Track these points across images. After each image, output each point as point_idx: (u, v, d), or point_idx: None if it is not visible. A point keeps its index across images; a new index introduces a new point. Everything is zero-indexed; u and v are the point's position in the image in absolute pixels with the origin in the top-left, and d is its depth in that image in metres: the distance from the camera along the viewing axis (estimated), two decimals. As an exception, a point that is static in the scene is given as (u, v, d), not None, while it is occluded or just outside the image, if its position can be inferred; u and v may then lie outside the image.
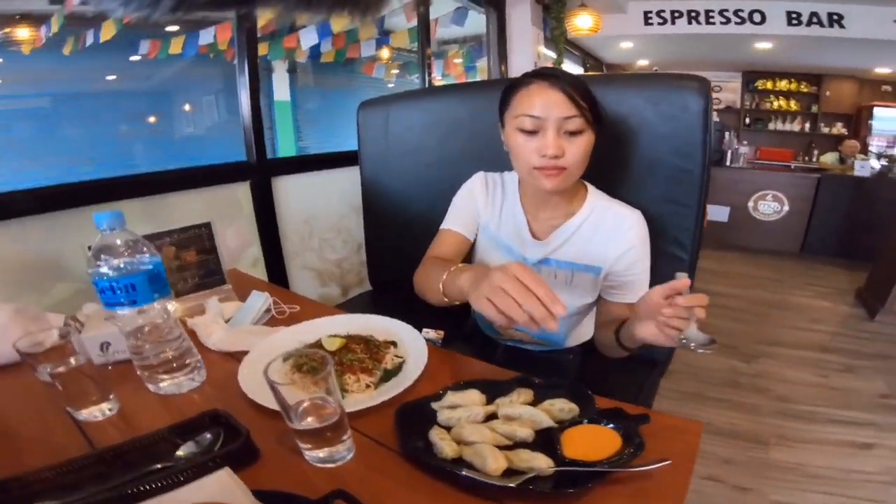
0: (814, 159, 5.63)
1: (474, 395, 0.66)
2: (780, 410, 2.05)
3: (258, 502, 0.44)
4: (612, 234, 0.93)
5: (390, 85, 3.47)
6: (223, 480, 0.46)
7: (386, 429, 0.62)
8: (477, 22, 3.44)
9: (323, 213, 2.07)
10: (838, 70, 6.01)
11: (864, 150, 5.50)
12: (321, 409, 0.54)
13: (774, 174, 4.38)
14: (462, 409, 0.62)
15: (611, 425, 0.60)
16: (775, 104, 6.70)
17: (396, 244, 1.51)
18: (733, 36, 4.37)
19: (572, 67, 5.02)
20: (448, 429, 0.60)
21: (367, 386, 0.71)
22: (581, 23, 3.71)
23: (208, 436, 0.56)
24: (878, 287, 3.04)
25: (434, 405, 0.65)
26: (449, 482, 0.53)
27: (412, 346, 0.83)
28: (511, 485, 0.50)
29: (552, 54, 3.78)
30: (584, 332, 1.09)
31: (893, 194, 3.71)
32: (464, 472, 0.52)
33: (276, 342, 0.83)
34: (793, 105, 6.64)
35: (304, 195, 1.97)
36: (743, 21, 4.25)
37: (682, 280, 0.64)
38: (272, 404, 0.61)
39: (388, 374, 0.75)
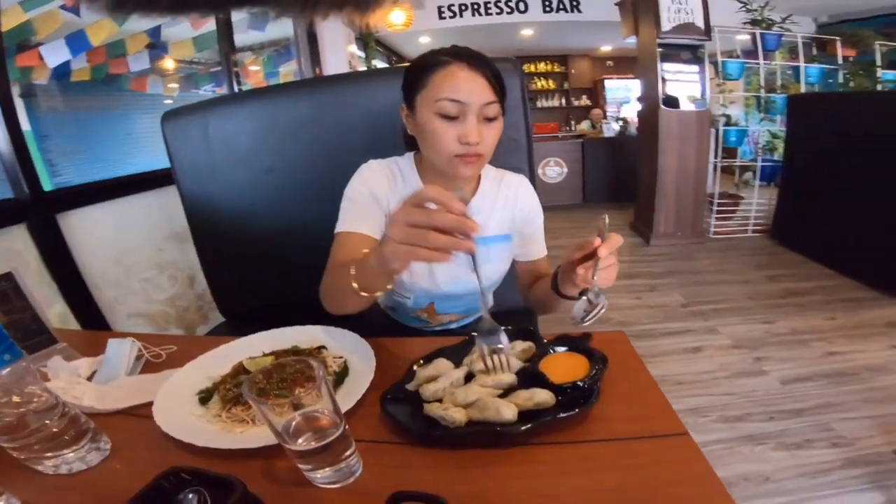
0: (573, 128, 6.93)
1: (444, 363, 0.65)
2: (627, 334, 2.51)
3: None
4: (510, 200, 0.97)
5: (167, 101, 3.06)
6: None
7: (371, 427, 0.57)
8: (278, 26, 3.24)
9: (135, 247, 1.72)
10: (578, 50, 7.54)
11: (605, 116, 6.98)
12: (315, 423, 0.46)
13: (550, 144, 5.30)
14: (442, 378, 0.61)
15: (567, 349, 0.66)
16: (539, 84, 8.01)
17: (246, 262, 1.34)
18: (505, 25, 5.02)
19: (381, 65, 5.12)
20: (439, 401, 0.57)
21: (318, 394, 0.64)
22: (395, 18, 3.80)
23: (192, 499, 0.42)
24: (643, 218, 3.98)
25: (410, 386, 0.62)
26: (468, 447, 0.52)
27: (344, 343, 0.76)
28: (528, 426, 0.52)
29: (361, 54, 3.79)
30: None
31: (633, 147, 4.74)
32: (497, 429, 0.52)
33: (180, 383, 0.69)
34: (550, 84, 8.04)
35: (106, 230, 1.61)
36: (512, 11, 4.96)
37: (594, 240, 0.66)
38: (226, 444, 0.55)
39: (340, 377, 0.68)
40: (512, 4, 4.90)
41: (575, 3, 4.94)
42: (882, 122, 2.84)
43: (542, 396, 0.55)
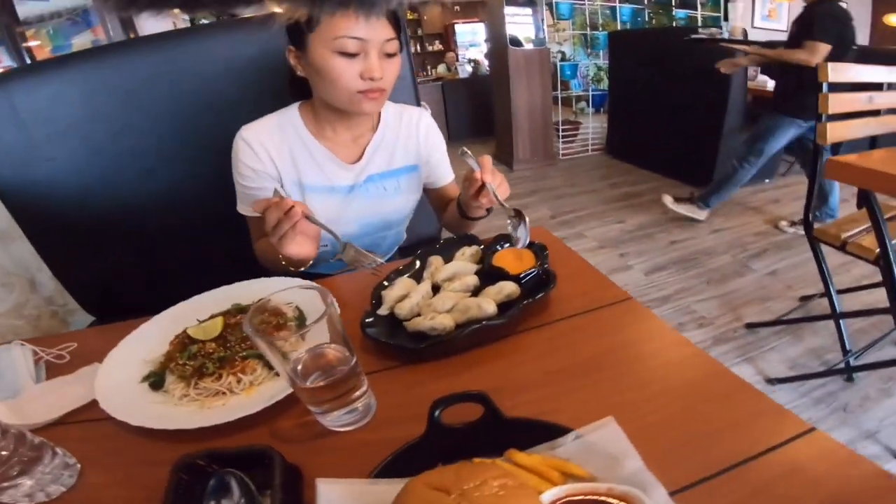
0: (430, 73, 7.03)
1: (408, 282, 0.67)
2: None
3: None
4: (412, 131, 1.00)
5: None
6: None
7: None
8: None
9: None
10: (428, -4, 7.45)
11: (457, 59, 7.21)
12: (322, 360, 0.45)
13: (413, 88, 5.42)
14: (413, 294, 0.63)
15: (508, 245, 0.74)
16: (392, 31, 7.81)
17: (104, 247, 1.16)
18: None
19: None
20: (417, 316, 0.60)
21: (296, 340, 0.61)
22: None
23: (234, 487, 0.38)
24: (503, 147, 4.40)
25: (382, 311, 0.63)
26: (461, 351, 0.56)
27: (287, 291, 0.73)
28: (511, 312, 0.57)
29: (185, 16, 3.23)
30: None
31: (485, 85, 5.09)
32: (485, 323, 0.56)
33: (112, 376, 0.59)
34: (406, 31, 7.89)
35: None
36: None
37: (476, 172, 0.77)
38: (220, 418, 0.49)
39: (301, 320, 0.65)
40: None
41: None
42: (676, 52, 3.51)
43: (510, 288, 0.61)
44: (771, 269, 2.34)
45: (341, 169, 0.93)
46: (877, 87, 1.61)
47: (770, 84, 3.83)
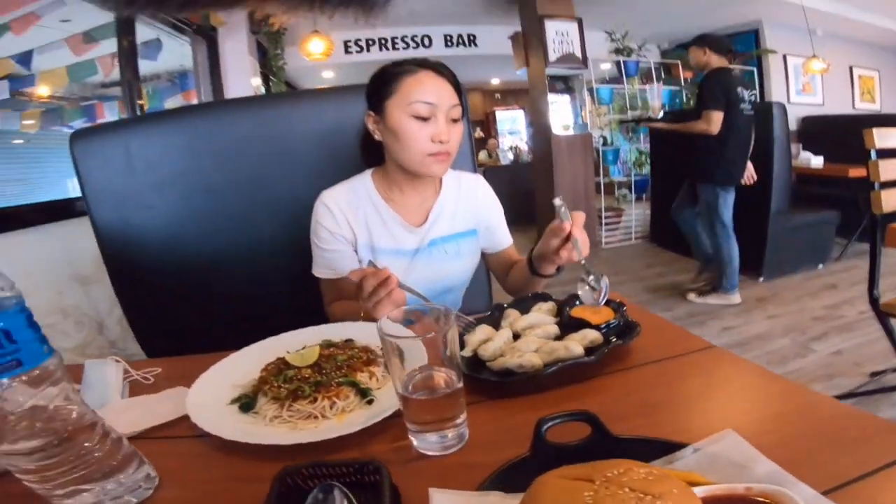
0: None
1: (488, 328, 0.69)
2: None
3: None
4: (471, 197, 1.06)
5: (16, 141, 2.67)
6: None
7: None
8: (170, 55, 3.04)
9: (32, 292, 1.47)
10: (472, 84, 8.11)
11: (498, 145, 7.61)
12: (431, 382, 0.47)
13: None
14: (496, 337, 0.65)
15: (579, 303, 0.75)
16: (437, 118, 8.42)
17: (176, 295, 1.21)
18: (409, 59, 5.22)
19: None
20: (502, 356, 0.61)
21: (384, 376, 0.64)
22: (313, 48, 3.72)
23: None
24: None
25: (466, 353, 0.64)
26: (547, 389, 0.57)
27: (367, 333, 0.76)
28: (597, 353, 0.58)
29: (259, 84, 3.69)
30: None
31: (526, 172, 5.25)
32: (573, 361, 0.57)
33: (201, 396, 0.62)
34: (449, 116, 8.49)
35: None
36: (417, 45, 5.25)
37: (564, 224, 0.77)
38: (317, 437, 0.51)
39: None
40: (417, 39, 5.21)
41: (472, 38, 5.43)
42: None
43: (593, 335, 0.62)
44: (835, 348, 2.21)
45: (408, 232, 0.99)
46: None
47: (813, 161, 3.88)
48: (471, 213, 1.05)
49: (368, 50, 5.07)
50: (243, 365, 0.70)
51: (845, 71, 5.83)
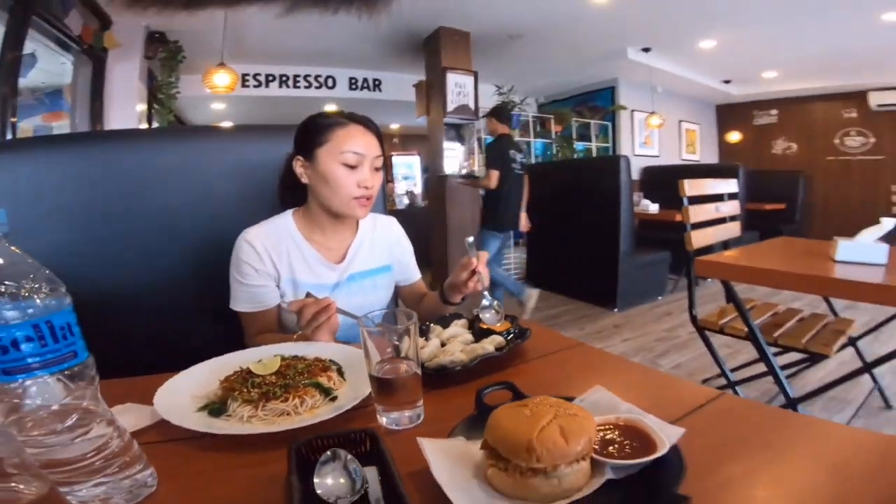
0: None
1: (419, 339, 0.84)
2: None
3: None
4: (385, 236, 1.18)
5: None
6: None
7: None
8: (41, 72, 2.76)
9: None
10: (373, 128, 8.30)
11: (394, 189, 7.89)
12: (397, 369, 0.61)
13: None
14: (429, 343, 0.82)
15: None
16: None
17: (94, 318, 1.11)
18: (310, 98, 5.30)
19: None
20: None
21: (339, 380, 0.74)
22: (219, 80, 3.62)
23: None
24: (439, 276, 4.56)
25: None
26: (472, 379, 0.74)
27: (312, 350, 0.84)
28: (506, 348, 0.80)
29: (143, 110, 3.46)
30: None
31: (421, 217, 5.48)
32: (495, 353, 0.78)
33: (167, 403, 0.66)
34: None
35: None
36: (320, 86, 5.31)
37: (470, 260, 0.96)
38: (299, 423, 0.60)
39: (339, 367, 0.77)
40: (321, 80, 5.29)
41: (377, 83, 5.67)
42: (577, 182, 4.16)
43: (499, 339, 0.82)
44: (675, 363, 2.77)
45: (328, 269, 1.08)
46: (719, 198, 2.16)
47: (651, 208, 4.72)
48: (386, 251, 1.17)
49: (267, 85, 5.05)
50: (195, 381, 0.74)
51: (675, 125, 7.16)
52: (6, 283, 0.42)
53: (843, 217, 6.47)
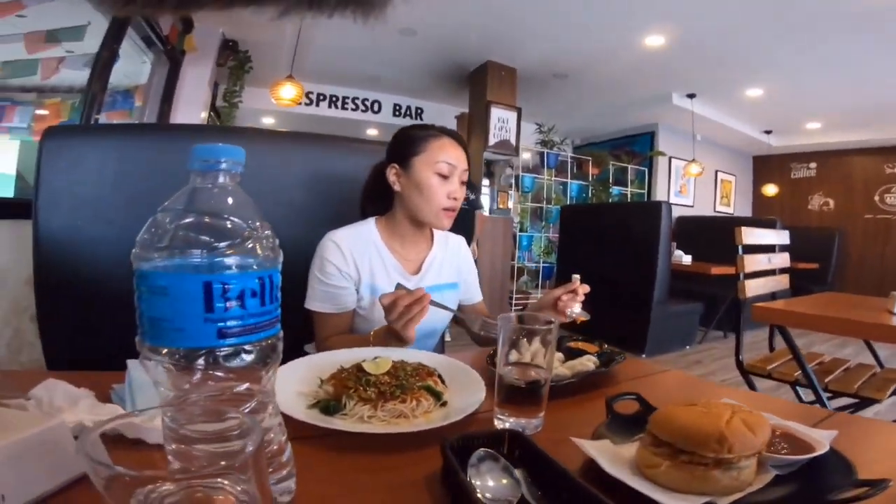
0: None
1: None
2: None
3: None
4: (455, 255, 1.20)
5: None
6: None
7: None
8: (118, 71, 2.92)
9: None
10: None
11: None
12: (526, 372, 0.60)
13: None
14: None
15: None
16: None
17: (107, 316, 0.98)
18: (354, 121, 5.47)
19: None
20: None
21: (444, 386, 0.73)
22: (285, 93, 3.74)
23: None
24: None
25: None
26: (569, 395, 0.74)
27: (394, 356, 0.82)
28: (606, 369, 0.80)
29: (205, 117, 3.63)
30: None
31: None
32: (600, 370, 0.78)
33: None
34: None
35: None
36: (367, 109, 5.48)
37: (576, 282, 1.01)
38: (424, 425, 0.58)
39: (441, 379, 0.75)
40: (368, 103, 5.45)
41: (420, 111, 5.82)
42: (614, 226, 4.06)
43: (593, 359, 0.82)
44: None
45: (404, 279, 1.09)
46: (771, 248, 2.15)
47: (684, 259, 4.65)
48: (455, 268, 1.20)
49: (318, 104, 5.21)
50: (297, 375, 0.73)
51: (712, 175, 7.04)
52: (237, 224, 0.36)
53: (877, 277, 6.26)
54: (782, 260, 2.21)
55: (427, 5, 3.35)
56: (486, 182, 4.97)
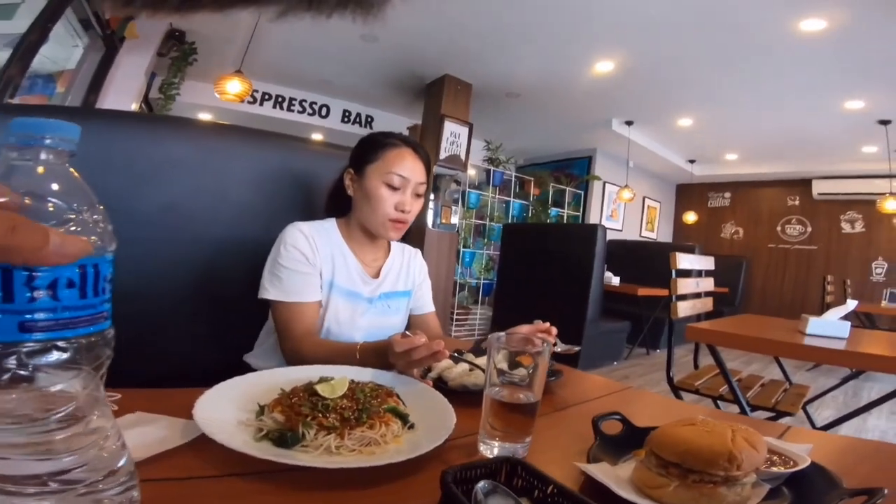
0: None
1: (447, 361, 0.85)
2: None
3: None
4: (410, 264, 1.21)
5: None
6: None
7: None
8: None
9: None
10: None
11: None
12: (514, 394, 0.58)
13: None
14: (458, 367, 0.84)
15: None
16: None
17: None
18: (301, 124, 5.26)
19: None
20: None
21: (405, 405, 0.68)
22: (231, 87, 3.54)
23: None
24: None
25: (431, 376, 0.83)
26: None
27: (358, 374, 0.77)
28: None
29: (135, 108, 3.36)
30: None
31: None
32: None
33: (214, 425, 0.55)
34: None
35: None
36: (314, 113, 5.28)
37: (544, 325, 1.00)
38: (401, 457, 0.52)
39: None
40: (316, 107, 5.27)
41: (370, 120, 5.72)
42: (551, 246, 4.18)
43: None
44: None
45: (364, 282, 1.10)
46: (698, 273, 2.36)
47: (613, 280, 4.83)
48: (410, 278, 1.20)
49: (262, 104, 4.99)
50: (234, 402, 0.64)
51: (640, 201, 7.50)
52: (58, 205, 0.32)
53: (777, 302, 7.00)
54: (707, 284, 2.41)
55: (392, 13, 3.32)
56: (431, 196, 4.96)
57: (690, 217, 7.82)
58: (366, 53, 4.18)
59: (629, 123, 5.66)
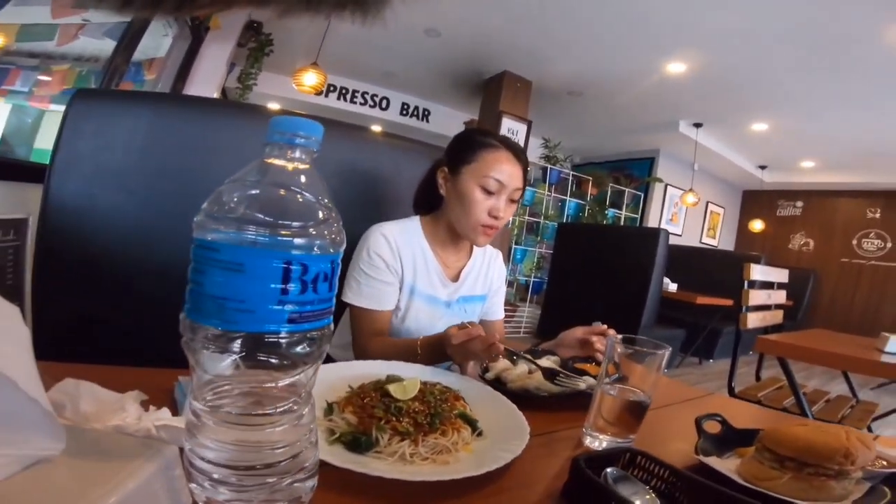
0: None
1: (505, 362, 0.86)
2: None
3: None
4: (490, 267, 1.16)
5: None
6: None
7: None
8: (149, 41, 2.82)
9: None
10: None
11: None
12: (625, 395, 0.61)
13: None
14: (516, 367, 0.84)
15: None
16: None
17: (112, 295, 1.01)
18: (359, 115, 5.38)
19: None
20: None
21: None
22: (307, 80, 3.67)
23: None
24: None
25: (490, 376, 0.82)
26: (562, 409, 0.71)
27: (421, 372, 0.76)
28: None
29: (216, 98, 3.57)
30: None
31: None
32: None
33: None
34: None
35: None
36: (375, 105, 5.40)
37: (602, 327, 0.95)
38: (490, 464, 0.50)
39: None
40: (376, 99, 5.38)
41: (427, 113, 5.76)
42: (609, 248, 4.07)
43: (591, 380, 0.79)
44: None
45: (443, 285, 1.07)
46: (770, 285, 2.26)
47: (671, 286, 4.70)
48: (487, 282, 1.16)
49: (327, 95, 5.13)
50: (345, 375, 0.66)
51: (703, 206, 7.10)
52: (308, 199, 0.34)
53: (843, 319, 6.43)
54: (779, 297, 2.31)
55: (454, 8, 3.34)
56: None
57: (757, 225, 7.37)
58: (428, 47, 4.21)
59: (698, 125, 5.40)
